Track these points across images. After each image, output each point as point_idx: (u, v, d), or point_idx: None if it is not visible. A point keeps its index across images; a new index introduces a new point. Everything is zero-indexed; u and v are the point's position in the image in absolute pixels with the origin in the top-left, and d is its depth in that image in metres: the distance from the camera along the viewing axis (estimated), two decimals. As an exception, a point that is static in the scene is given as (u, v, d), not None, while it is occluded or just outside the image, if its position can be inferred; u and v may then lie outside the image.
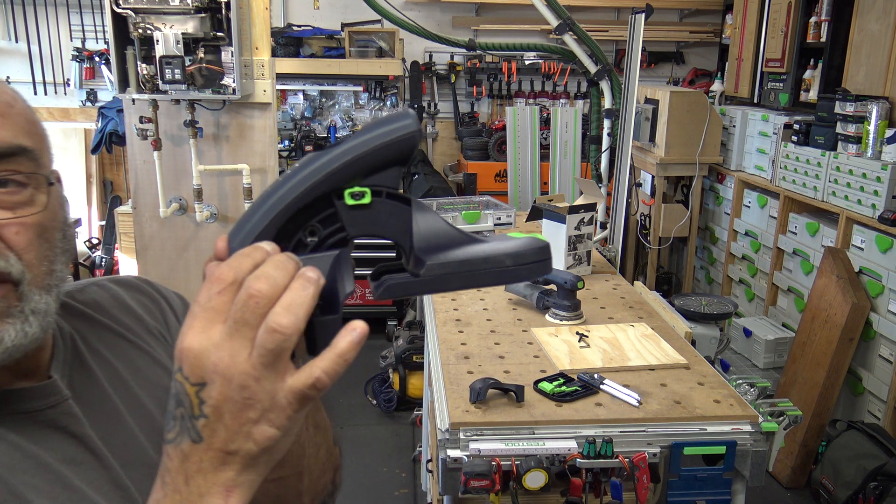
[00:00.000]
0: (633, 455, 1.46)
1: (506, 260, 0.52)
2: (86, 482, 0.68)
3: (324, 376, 0.50)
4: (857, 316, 2.94)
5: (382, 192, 0.52)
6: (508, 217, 2.72)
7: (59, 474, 0.66)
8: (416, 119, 0.52)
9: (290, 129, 4.57)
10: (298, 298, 0.48)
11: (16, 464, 0.64)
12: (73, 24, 4.77)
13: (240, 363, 0.48)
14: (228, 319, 0.48)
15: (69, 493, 0.66)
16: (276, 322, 0.48)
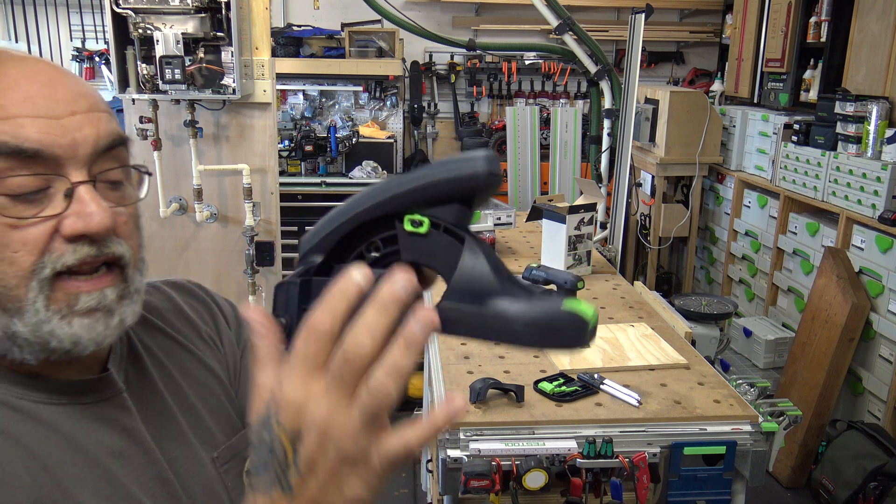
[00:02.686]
0: (633, 455, 1.46)
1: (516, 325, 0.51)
2: (131, 477, 0.69)
3: (417, 446, 0.50)
4: (857, 316, 2.94)
5: (441, 225, 0.53)
6: (508, 217, 2.72)
7: (105, 468, 0.68)
8: (490, 161, 0.51)
9: (290, 129, 4.57)
10: (402, 360, 0.47)
11: (65, 457, 0.66)
12: (73, 24, 4.77)
13: (338, 419, 0.48)
14: (328, 373, 0.47)
15: (113, 488, 0.67)
16: (380, 384, 0.47)
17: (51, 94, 0.64)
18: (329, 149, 4.40)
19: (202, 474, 0.77)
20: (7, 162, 0.62)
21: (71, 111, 0.65)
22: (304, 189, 4.26)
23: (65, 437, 0.66)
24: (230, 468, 0.80)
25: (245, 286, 3.25)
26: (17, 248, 0.63)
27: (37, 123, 0.63)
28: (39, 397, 0.66)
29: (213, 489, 0.78)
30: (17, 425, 0.65)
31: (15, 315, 0.63)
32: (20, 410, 0.65)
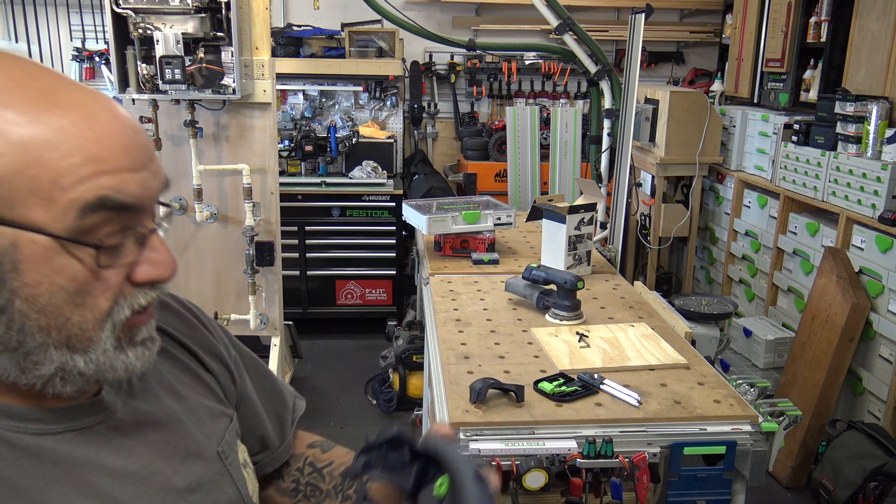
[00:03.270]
0: (633, 455, 1.46)
1: None
2: (135, 496, 0.70)
3: None
4: (857, 316, 2.94)
5: None
6: (508, 217, 2.72)
7: (108, 496, 0.68)
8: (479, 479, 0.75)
9: (290, 129, 4.57)
10: None
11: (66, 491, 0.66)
12: (73, 24, 4.77)
13: None
14: None
15: None
16: None
17: (137, 143, 0.66)
18: (329, 149, 4.40)
19: (210, 470, 0.79)
20: (104, 215, 0.62)
21: (149, 159, 0.67)
22: (304, 189, 4.26)
23: (64, 469, 0.66)
24: (232, 461, 0.83)
25: (245, 286, 3.25)
26: (98, 294, 0.64)
27: (136, 178, 0.64)
28: (36, 428, 0.66)
29: (223, 483, 0.80)
30: (13, 466, 0.64)
31: (78, 352, 0.64)
32: (17, 447, 0.64)
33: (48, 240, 0.60)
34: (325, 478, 1.02)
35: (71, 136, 0.61)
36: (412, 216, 2.72)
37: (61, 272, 0.61)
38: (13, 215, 0.59)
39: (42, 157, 0.59)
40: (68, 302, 0.62)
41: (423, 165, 4.91)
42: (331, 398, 3.73)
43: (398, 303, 4.41)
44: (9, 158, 0.58)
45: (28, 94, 0.61)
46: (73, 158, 0.60)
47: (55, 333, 0.63)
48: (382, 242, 4.35)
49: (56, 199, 0.60)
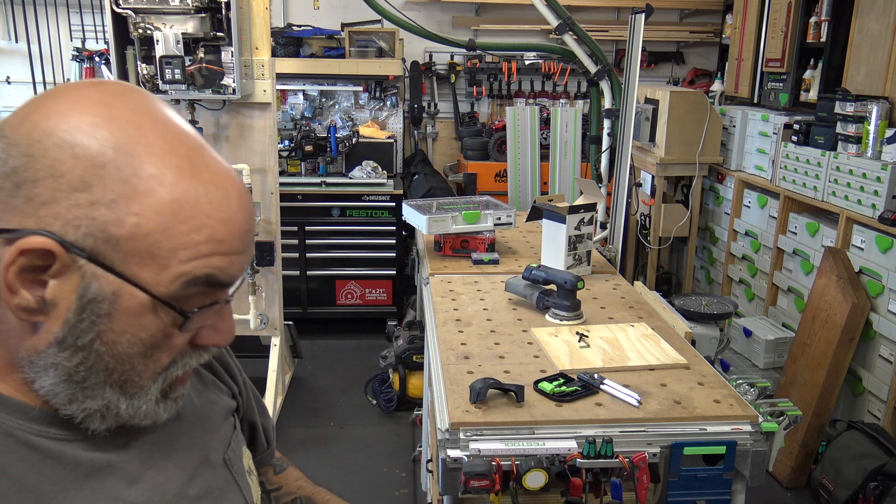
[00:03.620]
0: (633, 455, 1.46)
1: None
2: (153, 501, 0.71)
3: None
4: (857, 316, 2.94)
5: None
6: (508, 217, 2.72)
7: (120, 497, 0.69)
8: None
9: (290, 129, 4.57)
10: None
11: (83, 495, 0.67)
12: (73, 24, 4.77)
13: None
14: None
15: None
16: None
17: (250, 228, 0.69)
18: (329, 149, 4.40)
19: (218, 477, 0.80)
20: (202, 288, 0.66)
21: (251, 239, 0.70)
22: (304, 189, 4.26)
23: (83, 474, 0.67)
24: (238, 469, 0.84)
25: (245, 286, 3.25)
26: (164, 350, 0.67)
27: (240, 260, 0.68)
28: (58, 433, 0.67)
29: (230, 490, 0.81)
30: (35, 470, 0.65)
31: (125, 396, 0.67)
32: (39, 449, 0.66)
33: (147, 297, 0.63)
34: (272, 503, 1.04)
35: (202, 213, 0.63)
36: (412, 216, 2.72)
37: (146, 328, 0.65)
38: (125, 269, 0.62)
39: (171, 228, 0.62)
40: (140, 353, 0.66)
41: (423, 165, 4.91)
42: (331, 398, 3.73)
43: (398, 303, 4.41)
44: (142, 219, 0.61)
45: (176, 159, 0.63)
46: (198, 235, 0.63)
47: (116, 376, 0.66)
48: (382, 242, 4.35)
49: (169, 266, 0.63)
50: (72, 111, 0.62)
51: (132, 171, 0.61)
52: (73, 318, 0.62)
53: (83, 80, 0.67)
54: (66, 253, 0.60)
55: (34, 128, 0.61)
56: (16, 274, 0.60)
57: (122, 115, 0.63)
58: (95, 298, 0.62)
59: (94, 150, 0.60)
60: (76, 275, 0.61)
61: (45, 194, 0.60)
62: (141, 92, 0.67)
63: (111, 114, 0.62)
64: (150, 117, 0.64)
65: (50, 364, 0.63)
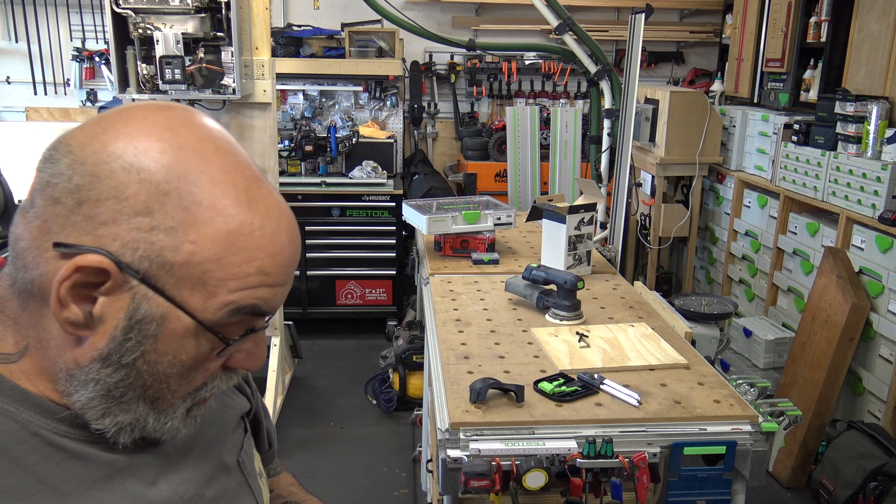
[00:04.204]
0: (633, 455, 1.46)
1: None
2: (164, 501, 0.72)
3: None
4: (857, 316, 2.94)
5: None
6: (508, 217, 2.72)
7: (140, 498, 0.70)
8: None
9: (290, 129, 4.57)
10: None
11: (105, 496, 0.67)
12: (73, 24, 4.77)
13: None
14: None
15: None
16: None
17: (295, 261, 0.70)
18: (329, 149, 4.40)
19: (232, 480, 0.81)
20: (245, 317, 0.67)
21: (294, 270, 0.71)
22: (304, 189, 4.26)
23: (105, 475, 0.68)
24: (250, 471, 0.86)
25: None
26: (201, 373, 0.69)
27: (283, 291, 0.69)
28: (82, 434, 0.68)
29: (243, 493, 0.82)
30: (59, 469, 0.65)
31: (154, 412, 0.68)
32: (64, 450, 0.66)
33: (192, 322, 0.65)
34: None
35: (255, 246, 0.65)
36: (412, 216, 2.72)
37: (187, 350, 0.66)
38: (175, 293, 0.63)
39: (224, 258, 0.63)
40: (178, 374, 0.67)
41: (423, 165, 4.91)
42: (331, 398, 3.73)
43: (398, 303, 4.41)
44: (198, 247, 0.63)
45: (235, 191, 0.65)
46: (249, 267, 0.65)
47: (151, 392, 0.67)
48: (382, 242, 4.35)
49: (217, 295, 0.64)
50: (141, 135, 0.63)
51: (193, 199, 0.62)
52: (121, 336, 0.63)
53: (153, 103, 0.68)
54: (121, 273, 0.62)
55: (102, 148, 0.62)
56: (68, 289, 0.61)
57: (188, 144, 0.64)
58: (144, 319, 0.63)
59: (159, 177, 0.62)
60: (127, 295, 0.63)
61: (106, 214, 0.61)
62: (206, 119, 0.69)
63: (178, 141, 0.64)
64: (213, 146, 0.66)
65: (91, 379, 0.64)
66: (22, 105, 4.83)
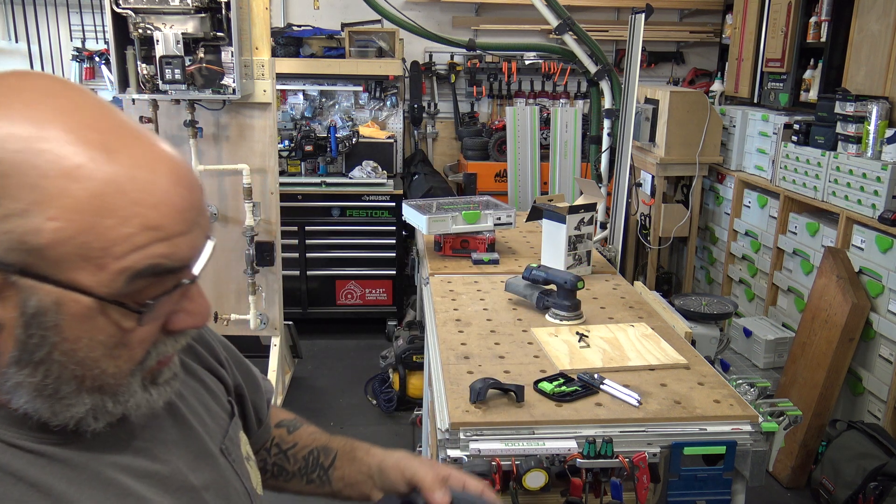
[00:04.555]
0: (633, 455, 1.46)
1: None
2: (160, 494, 0.71)
3: None
4: (857, 316, 2.94)
5: None
6: (508, 217, 2.72)
7: (137, 496, 0.69)
8: None
9: (290, 129, 4.57)
10: None
11: (95, 494, 0.66)
12: (73, 24, 4.77)
13: None
14: None
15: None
16: None
17: (192, 204, 0.64)
18: (329, 149, 4.40)
19: (219, 468, 0.80)
20: (151, 280, 0.62)
21: (200, 213, 0.65)
22: (304, 189, 4.26)
23: (92, 473, 0.66)
24: (235, 457, 0.84)
25: (245, 286, 3.25)
26: (134, 346, 0.65)
27: (188, 240, 0.63)
28: (56, 438, 0.66)
29: (230, 480, 0.81)
30: (46, 473, 0.64)
31: (108, 396, 0.65)
32: (45, 455, 0.65)
33: (92, 300, 0.60)
34: (290, 460, 1.04)
35: (128, 203, 0.59)
36: (412, 216, 2.72)
37: (102, 330, 0.62)
38: (60, 276, 0.58)
39: (96, 225, 0.58)
40: (105, 355, 0.63)
41: (423, 165, 4.91)
42: (331, 398, 3.73)
43: (398, 303, 4.41)
44: (62, 223, 0.57)
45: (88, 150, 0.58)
46: (128, 227, 0.59)
47: (89, 381, 0.63)
48: (382, 242, 4.35)
49: (106, 266, 0.59)
50: None
51: (39, 173, 0.56)
52: (23, 334, 0.59)
53: None
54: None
55: None
56: None
57: (16, 112, 0.57)
58: (38, 312, 0.59)
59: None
60: (13, 292, 0.58)
61: None
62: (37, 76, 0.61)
63: (5, 113, 0.57)
64: (50, 107, 0.58)
65: (16, 384, 0.61)
66: (22, 105, 4.82)
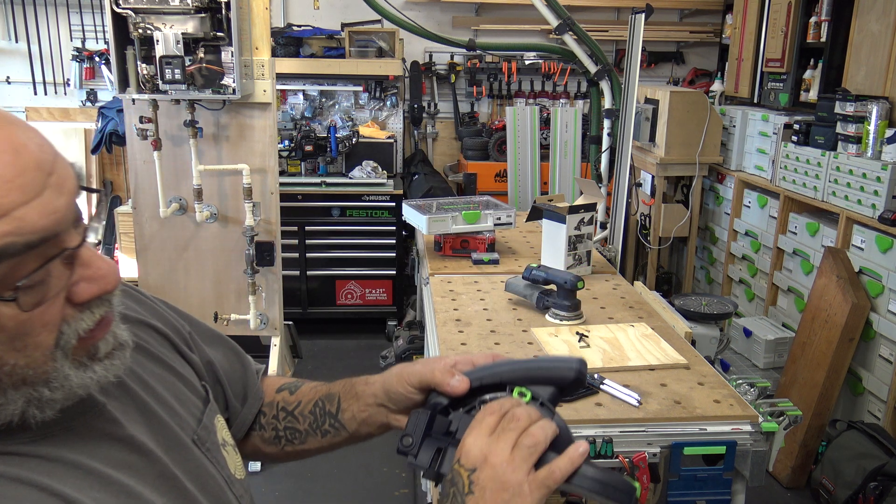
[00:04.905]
0: (633, 455, 1.46)
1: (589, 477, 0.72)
2: (140, 483, 0.69)
3: (558, 472, 0.71)
4: (857, 316, 2.94)
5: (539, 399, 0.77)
6: (508, 217, 2.72)
7: (120, 484, 0.67)
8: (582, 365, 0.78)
9: (290, 129, 4.57)
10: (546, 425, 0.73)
11: (81, 483, 0.64)
12: (73, 24, 4.77)
13: (503, 455, 0.71)
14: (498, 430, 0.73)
15: (132, 500, 0.67)
16: (532, 432, 0.73)
17: (26, 167, 0.57)
18: (329, 149, 4.40)
19: (192, 458, 0.78)
20: (11, 261, 0.56)
21: (48, 173, 0.58)
22: (304, 189, 4.26)
23: (72, 465, 0.65)
24: (210, 446, 0.82)
25: (245, 286, 3.25)
26: (38, 331, 0.60)
27: (36, 207, 0.56)
28: (26, 437, 0.64)
29: (204, 469, 0.79)
30: (27, 469, 0.62)
31: (41, 384, 0.62)
32: (24, 455, 0.62)
33: None
34: (299, 419, 1.00)
35: None
36: (412, 216, 2.72)
37: None
38: None
39: None
40: (7, 349, 0.58)
41: (423, 165, 4.91)
42: (331, 398, 3.72)
43: (398, 303, 4.41)
44: None
45: None
46: None
47: (6, 378, 0.59)
48: (382, 242, 4.35)
49: None
50: None
51: None
52: None
53: None
54: None
55: None
56: None
57: None
58: None
59: None
60: None
61: None
62: None
63: None
64: None
65: None
66: (22, 105, 4.83)
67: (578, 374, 0.77)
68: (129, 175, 3.44)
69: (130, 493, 0.67)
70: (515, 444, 0.71)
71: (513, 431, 0.72)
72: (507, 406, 0.75)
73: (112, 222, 4.58)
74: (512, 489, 0.70)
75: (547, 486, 0.70)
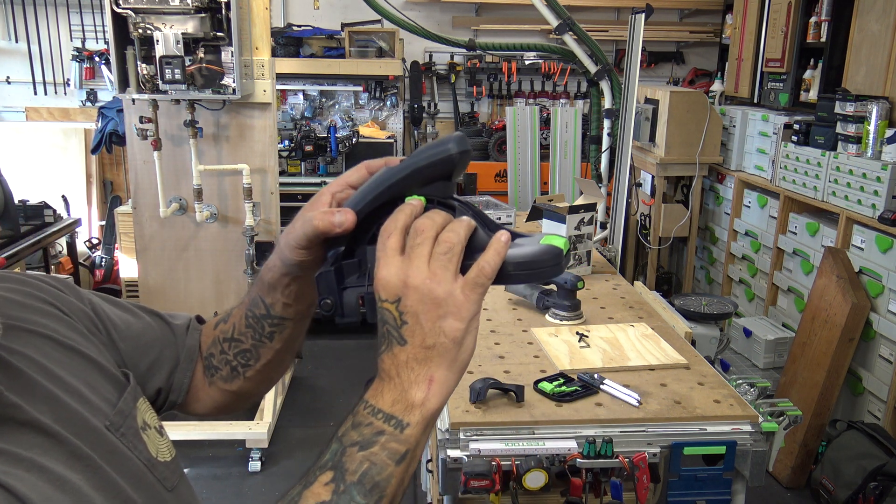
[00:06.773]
0: (633, 455, 1.46)
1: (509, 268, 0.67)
2: (52, 461, 0.67)
3: (487, 266, 0.67)
4: (857, 316, 2.94)
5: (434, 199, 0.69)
6: (508, 217, 2.72)
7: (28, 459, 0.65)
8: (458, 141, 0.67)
9: (290, 129, 4.57)
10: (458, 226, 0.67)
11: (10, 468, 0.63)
12: (73, 24, 4.77)
13: (421, 273, 0.65)
14: (407, 249, 0.66)
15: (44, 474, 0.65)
16: (443, 238, 0.66)
17: None
18: (329, 149, 4.40)
19: (105, 443, 0.76)
20: None
21: None
22: (304, 189, 4.26)
23: None
24: (125, 431, 0.79)
25: (245, 286, 3.25)
26: None
27: None
28: None
29: (121, 453, 0.77)
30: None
31: None
32: None
33: None
34: (242, 339, 0.95)
35: None
36: (412, 216, 2.72)
37: None
38: None
39: None
40: None
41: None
42: (331, 398, 3.73)
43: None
44: None
45: None
46: None
47: None
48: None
49: None
50: None
51: None
52: None
53: None
54: None
55: None
56: None
57: None
58: None
59: None
60: None
61: None
62: None
63: None
64: None
65: None
66: (22, 105, 4.83)
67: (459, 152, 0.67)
68: (129, 175, 3.44)
69: (42, 468, 0.65)
70: (431, 256, 0.65)
71: (422, 245, 0.66)
72: (404, 220, 0.67)
73: (112, 222, 4.57)
74: (444, 302, 0.65)
75: (480, 283, 0.66)
